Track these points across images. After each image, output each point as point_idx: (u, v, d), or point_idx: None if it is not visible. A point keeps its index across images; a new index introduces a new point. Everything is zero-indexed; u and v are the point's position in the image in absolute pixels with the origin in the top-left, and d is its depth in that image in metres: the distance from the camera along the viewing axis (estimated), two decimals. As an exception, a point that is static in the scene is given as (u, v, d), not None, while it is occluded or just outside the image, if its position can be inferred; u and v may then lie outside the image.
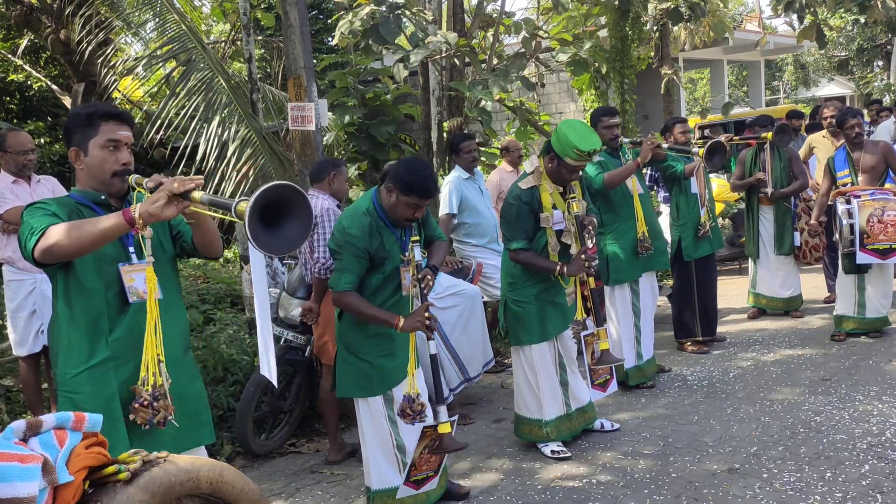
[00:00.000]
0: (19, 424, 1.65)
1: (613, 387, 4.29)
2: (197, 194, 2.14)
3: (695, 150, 5.24)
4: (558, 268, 3.94)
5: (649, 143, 4.79)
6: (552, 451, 4.12)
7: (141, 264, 2.43)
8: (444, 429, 3.24)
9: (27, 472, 1.55)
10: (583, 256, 3.89)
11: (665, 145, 4.90)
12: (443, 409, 3.30)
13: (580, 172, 4.05)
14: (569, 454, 4.11)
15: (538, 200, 3.99)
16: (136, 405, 2.33)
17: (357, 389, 3.44)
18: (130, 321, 2.40)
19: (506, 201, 4.09)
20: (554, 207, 4.00)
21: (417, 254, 3.33)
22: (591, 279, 4.03)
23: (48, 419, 1.70)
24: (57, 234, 2.21)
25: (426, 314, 3.25)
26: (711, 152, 5.09)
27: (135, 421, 2.34)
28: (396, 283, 3.39)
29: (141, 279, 2.42)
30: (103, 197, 2.46)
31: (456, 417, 3.44)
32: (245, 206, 1.92)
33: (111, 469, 1.72)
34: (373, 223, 3.31)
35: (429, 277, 3.36)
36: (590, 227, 3.97)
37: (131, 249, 2.44)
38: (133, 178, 2.44)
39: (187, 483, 1.80)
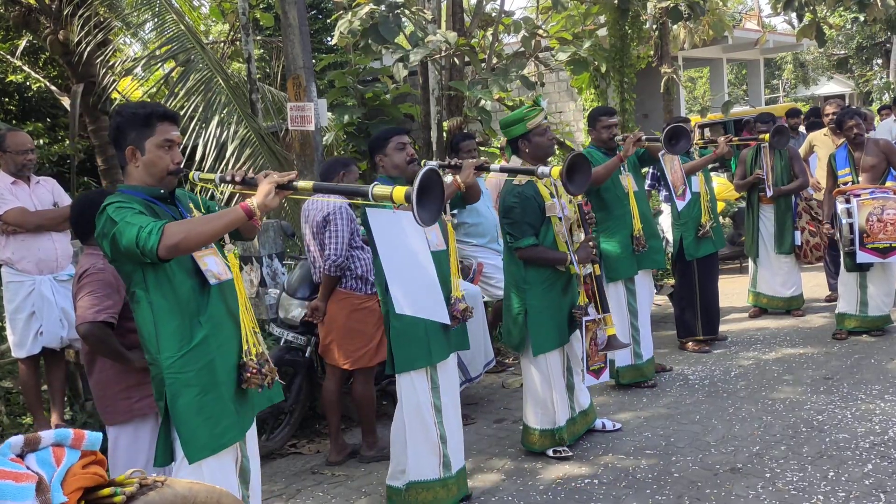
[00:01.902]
0: (17, 440, 1.58)
1: (606, 376, 4.24)
2: (302, 183, 2.47)
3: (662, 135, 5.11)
4: (569, 257, 3.92)
5: (632, 136, 4.75)
6: (554, 451, 4.10)
7: (208, 248, 2.62)
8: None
9: (21, 492, 1.47)
10: (591, 244, 3.90)
11: (644, 136, 4.87)
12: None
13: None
14: (570, 454, 4.10)
15: (538, 192, 3.98)
16: (248, 374, 2.59)
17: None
18: (214, 301, 2.60)
19: (505, 202, 4.04)
20: (552, 196, 4.00)
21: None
22: (596, 266, 4.02)
23: (47, 436, 1.62)
24: (180, 231, 2.36)
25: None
26: (671, 136, 4.78)
27: (236, 387, 2.60)
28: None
29: (212, 262, 2.62)
30: (162, 191, 2.63)
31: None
32: (402, 190, 2.28)
33: (107, 491, 1.64)
34: None
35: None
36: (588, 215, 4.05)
37: None
38: (196, 175, 2.70)
39: None
